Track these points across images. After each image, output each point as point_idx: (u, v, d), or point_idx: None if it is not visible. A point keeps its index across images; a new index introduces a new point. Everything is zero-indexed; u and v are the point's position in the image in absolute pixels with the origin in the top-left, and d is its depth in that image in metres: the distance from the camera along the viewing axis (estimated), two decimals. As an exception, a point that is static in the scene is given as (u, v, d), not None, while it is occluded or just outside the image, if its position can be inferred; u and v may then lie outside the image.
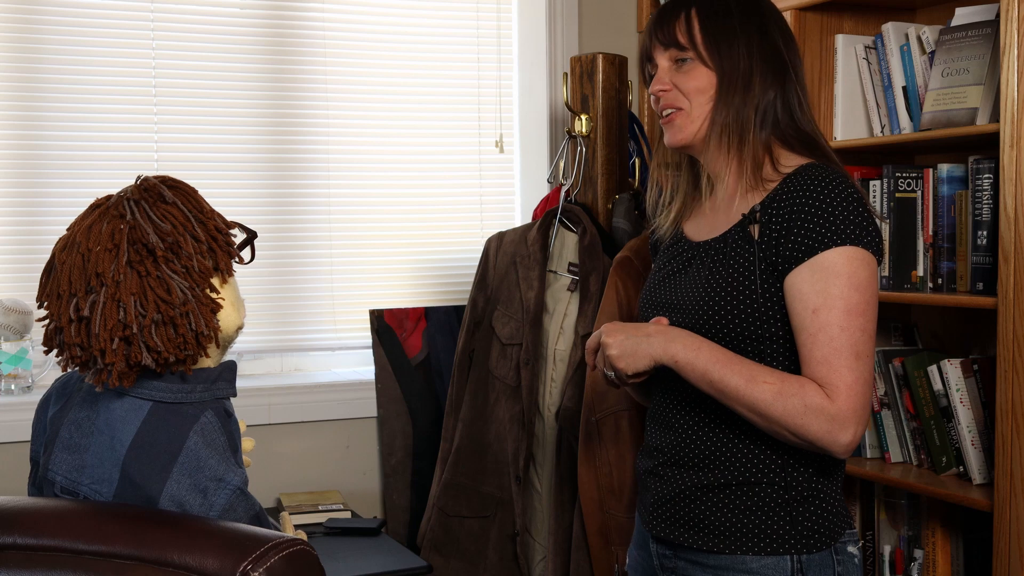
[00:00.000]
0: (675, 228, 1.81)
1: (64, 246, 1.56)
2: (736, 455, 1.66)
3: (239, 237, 1.65)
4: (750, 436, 1.65)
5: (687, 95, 1.69)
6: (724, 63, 1.67)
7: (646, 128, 3.03)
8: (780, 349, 1.63)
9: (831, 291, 1.56)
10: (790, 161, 1.67)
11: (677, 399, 1.72)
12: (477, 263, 2.87)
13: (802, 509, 1.64)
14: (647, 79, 1.77)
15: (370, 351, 3.00)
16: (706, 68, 1.67)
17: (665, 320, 1.70)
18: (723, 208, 1.73)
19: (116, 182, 1.73)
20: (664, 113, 1.72)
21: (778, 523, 1.64)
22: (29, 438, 1.74)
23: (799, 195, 1.60)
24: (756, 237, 1.63)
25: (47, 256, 1.60)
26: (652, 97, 1.75)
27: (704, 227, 1.76)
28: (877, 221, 1.63)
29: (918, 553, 2.38)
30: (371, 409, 2.95)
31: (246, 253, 1.65)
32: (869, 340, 1.58)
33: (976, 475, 2.23)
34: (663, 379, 1.72)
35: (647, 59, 1.75)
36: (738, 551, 1.64)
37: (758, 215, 1.63)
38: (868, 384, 1.58)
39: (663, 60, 1.71)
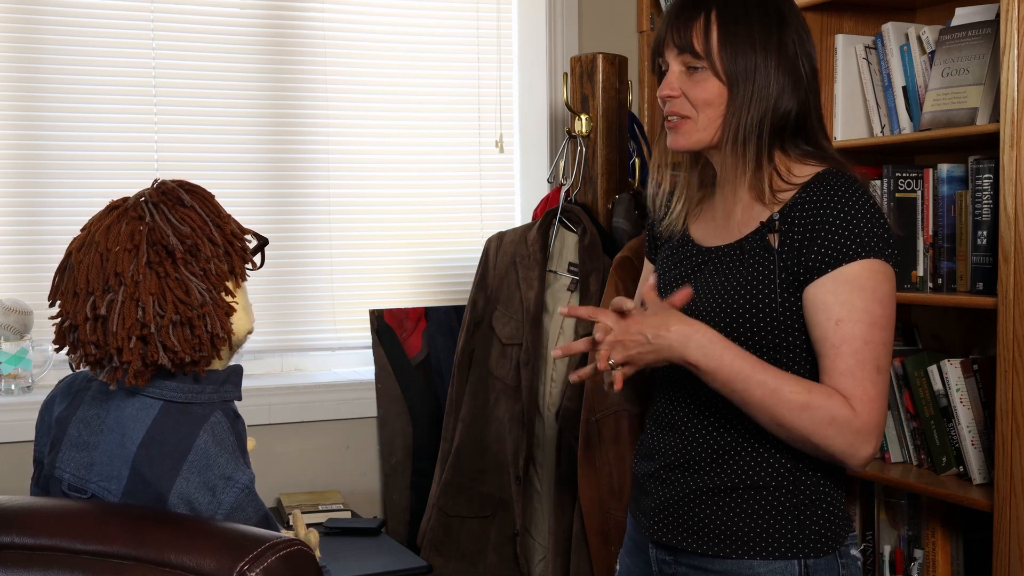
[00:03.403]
0: (683, 224, 1.77)
1: (81, 245, 1.57)
2: (744, 458, 1.64)
3: (251, 243, 1.66)
4: (759, 439, 1.62)
5: (695, 105, 1.64)
6: (738, 76, 1.61)
7: (646, 128, 3.03)
8: (796, 358, 1.62)
9: (856, 304, 1.55)
10: (802, 171, 1.64)
11: (684, 401, 1.68)
12: (477, 263, 2.87)
13: (809, 513, 1.63)
14: (656, 68, 1.72)
15: (370, 351, 3.00)
16: (718, 80, 1.62)
17: (690, 290, 1.60)
18: (733, 214, 1.69)
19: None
20: (669, 117, 1.68)
21: (786, 527, 1.62)
22: (29, 438, 1.75)
23: (822, 205, 1.58)
24: (776, 246, 1.60)
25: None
26: (660, 96, 1.71)
27: (713, 232, 1.72)
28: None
29: (918, 553, 2.38)
30: (371, 409, 2.95)
31: (256, 259, 1.67)
32: (889, 354, 1.58)
33: (976, 475, 2.23)
34: (668, 380, 1.70)
35: (659, 53, 1.70)
36: (745, 556, 1.63)
37: (777, 224, 1.61)
38: (887, 398, 1.57)
39: (675, 63, 1.66)
